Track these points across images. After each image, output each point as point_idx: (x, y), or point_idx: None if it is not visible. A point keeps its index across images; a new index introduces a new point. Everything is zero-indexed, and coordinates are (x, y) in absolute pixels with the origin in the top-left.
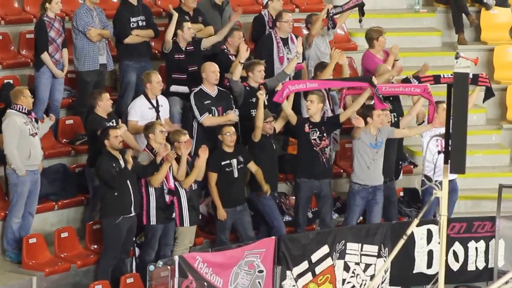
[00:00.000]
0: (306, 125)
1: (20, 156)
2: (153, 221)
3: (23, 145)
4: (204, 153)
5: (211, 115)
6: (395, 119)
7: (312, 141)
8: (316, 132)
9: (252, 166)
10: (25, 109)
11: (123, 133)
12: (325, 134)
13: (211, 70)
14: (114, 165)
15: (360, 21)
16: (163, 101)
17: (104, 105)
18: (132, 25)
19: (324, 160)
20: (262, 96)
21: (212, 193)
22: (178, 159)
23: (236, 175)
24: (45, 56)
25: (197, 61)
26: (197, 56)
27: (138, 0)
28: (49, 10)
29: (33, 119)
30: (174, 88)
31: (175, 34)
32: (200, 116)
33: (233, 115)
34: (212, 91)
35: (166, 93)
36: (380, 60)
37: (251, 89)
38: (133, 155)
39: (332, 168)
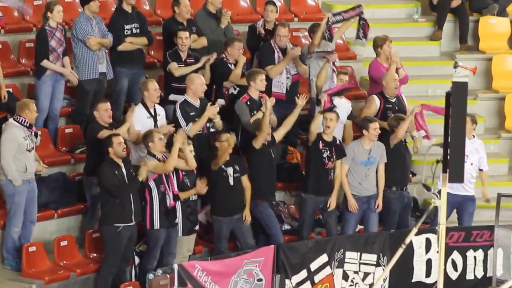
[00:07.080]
0: (320, 142)
1: (16, 169)
2: (156, 225)
3: (19, 160)
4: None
5: None
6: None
7: (323, 159)
8: (327, 151)
9: (245, 181)
10: (27, 122)
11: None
12: (334, 156)
13: (200, 83)
14: (116, 172)
15: (359, 37)
16: (160, 110)
17: (100, 115)
18: (126, 32)
19: (331, 178)
20: (270, 102)
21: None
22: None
23: (231, 183)
24: (45, 63)
25: None
26: (197, 70)
27: (132, 8)
28: (51, 19)
29: (33, 133)
30: (173, 97)
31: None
32: (186, 126)
33: (213, 108)
34: (196, 101)
35: (164, 101)
36: (385, 68)
37: (252, 103)
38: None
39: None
